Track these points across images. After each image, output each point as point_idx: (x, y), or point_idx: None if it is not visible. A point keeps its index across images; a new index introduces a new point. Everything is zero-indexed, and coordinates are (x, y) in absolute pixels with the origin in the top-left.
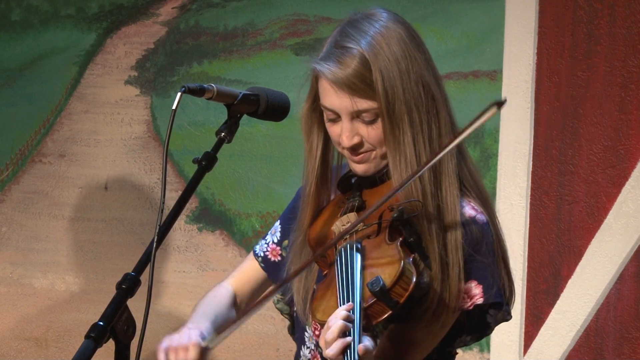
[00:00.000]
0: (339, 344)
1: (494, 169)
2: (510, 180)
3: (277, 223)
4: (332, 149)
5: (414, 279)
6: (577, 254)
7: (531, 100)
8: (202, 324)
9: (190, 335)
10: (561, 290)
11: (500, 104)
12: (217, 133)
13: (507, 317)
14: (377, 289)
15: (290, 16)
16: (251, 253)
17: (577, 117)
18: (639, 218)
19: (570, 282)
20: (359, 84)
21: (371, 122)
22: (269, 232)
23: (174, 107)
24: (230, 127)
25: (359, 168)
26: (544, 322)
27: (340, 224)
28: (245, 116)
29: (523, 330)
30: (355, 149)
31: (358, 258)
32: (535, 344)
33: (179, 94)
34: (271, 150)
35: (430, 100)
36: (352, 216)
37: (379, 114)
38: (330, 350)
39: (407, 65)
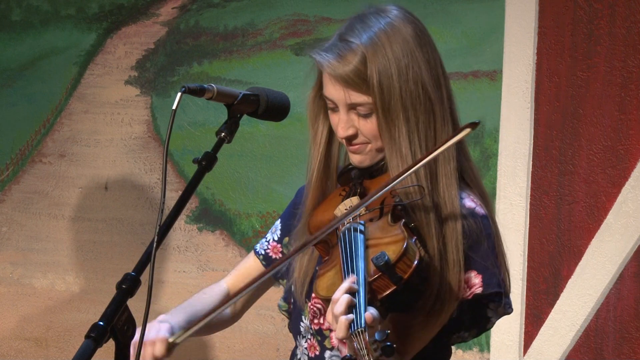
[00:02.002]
0: (343, 322)
1: (494, 169)
2: (510, 180)
3: (278, 221)
4: (336, 138)
5: (418, 256)
6: (577, 254)
7: (531, 100)
8: (175, 318)
9: (160, 329)
10: (561, 290)
11: (474, 125)
12: (217, 133)
13: (508, 310)
14: (382, 263)
15: (290, 16)
16: (252, 252)
17: (577, 117)
18: (639, 218)
19: (570, 282)
20: (355, 78)
21: (366, 116)
22: (269, 231)
23: (174, 107)
24: (230, 127)
25: (355, 158)
26: (544, 322)
27: (343, 208)
28: (245, 116)
29: (523, 330)
30: (349, 140)
31: (362, 237)
32: (535, 344)
33: (179, 94)
34: (271, 150)
35: (428, 101)
36: (354, 200)
37: (374, 109)
38: (338, 333)
39: (407, 64)
